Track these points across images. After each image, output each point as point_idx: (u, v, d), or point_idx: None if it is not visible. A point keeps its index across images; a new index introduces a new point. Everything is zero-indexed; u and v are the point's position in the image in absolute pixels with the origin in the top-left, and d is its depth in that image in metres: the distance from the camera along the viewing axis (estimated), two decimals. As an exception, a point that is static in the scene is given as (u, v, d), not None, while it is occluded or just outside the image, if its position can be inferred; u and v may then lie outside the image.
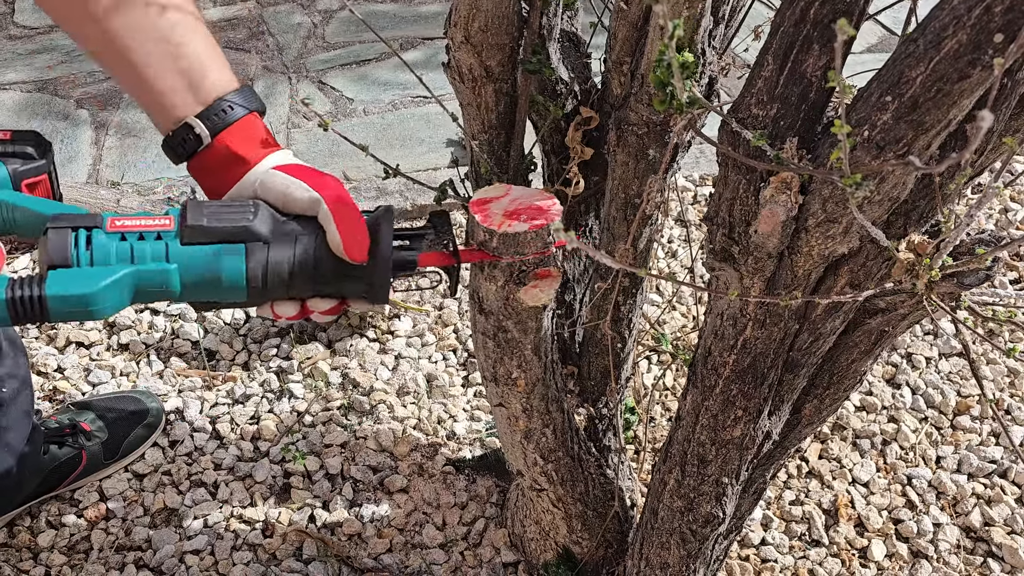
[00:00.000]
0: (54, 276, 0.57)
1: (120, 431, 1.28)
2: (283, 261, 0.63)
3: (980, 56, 0.54)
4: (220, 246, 0.62)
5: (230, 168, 0.67)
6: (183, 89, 0.66)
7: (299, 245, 0.64)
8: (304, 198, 0.64)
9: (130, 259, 0.60)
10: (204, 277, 0.62)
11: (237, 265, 0.62)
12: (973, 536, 1.26)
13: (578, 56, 0.93)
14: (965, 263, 0.64)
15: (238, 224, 0.62)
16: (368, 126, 2.00)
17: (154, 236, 0.61)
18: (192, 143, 0.67)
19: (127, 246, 0.60)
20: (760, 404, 0.80)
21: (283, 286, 0.64)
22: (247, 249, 0.62)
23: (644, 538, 0.97)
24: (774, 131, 0.65)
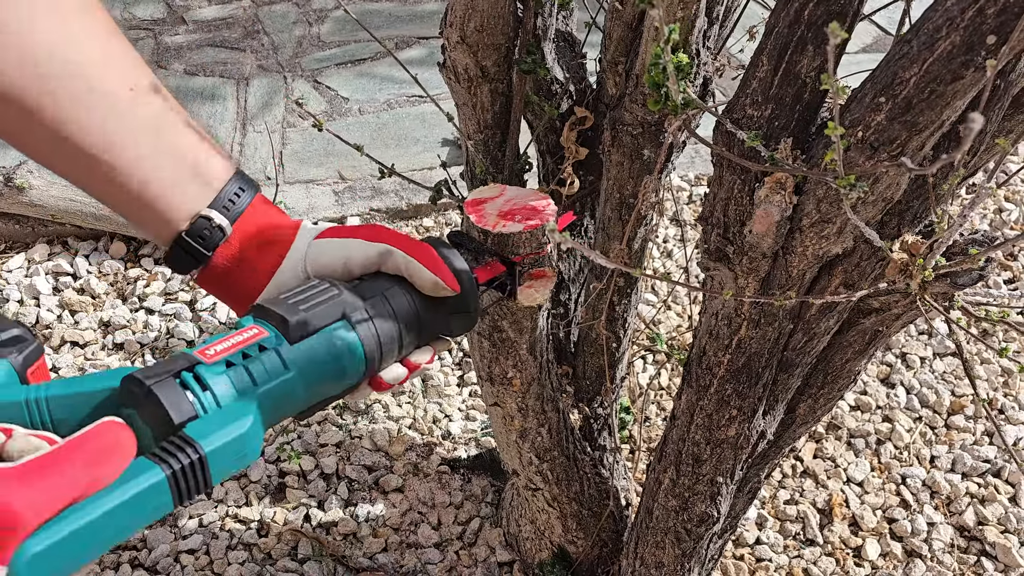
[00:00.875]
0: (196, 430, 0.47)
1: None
2: (387, 320, 0.57)
3: (973, 57, 0.54)
4: (329, 331, 0.55)
5: (262, 255, 0.58)
6: (188, 180, 0.56)
7: (392, 301, 0.58)
8: (370, 254, 0.58)
9: (252, 382, 0.51)
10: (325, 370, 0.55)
11: (353, 343, 0.55)
12: (967, 535, 1.26)
13: (573, 56, 0.93)
14: (959, 263, 0.64)
15: (333, 303, 0.55)
16: (364, 125, 2.00)
17: (257, 348, 0.52)
18: (212, 238, 0.57)
19: (240, 371, 0.51)
20: (755, 403, 0.80)
21: (395, 346, 0.58)
22: (351, 322, 0.56)
23: (639, 537, 0.97)
24: (769, 132, 0.65)
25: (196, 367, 0.49)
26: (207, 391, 0.49)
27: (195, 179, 0.56)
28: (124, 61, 0.54)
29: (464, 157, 0.95)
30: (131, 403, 0.48)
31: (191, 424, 0.47)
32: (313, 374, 0.54)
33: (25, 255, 1.60)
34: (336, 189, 1.81)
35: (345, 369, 0.55)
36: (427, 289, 0.58)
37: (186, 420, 0.47)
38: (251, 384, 0.51)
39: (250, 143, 1.92)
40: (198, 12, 2.41)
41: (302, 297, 0.55)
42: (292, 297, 0.55)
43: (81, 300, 1.53)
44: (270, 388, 0.51)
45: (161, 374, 0.48)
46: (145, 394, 0.47)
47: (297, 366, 0.53)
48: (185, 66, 2.18)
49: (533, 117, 0.93)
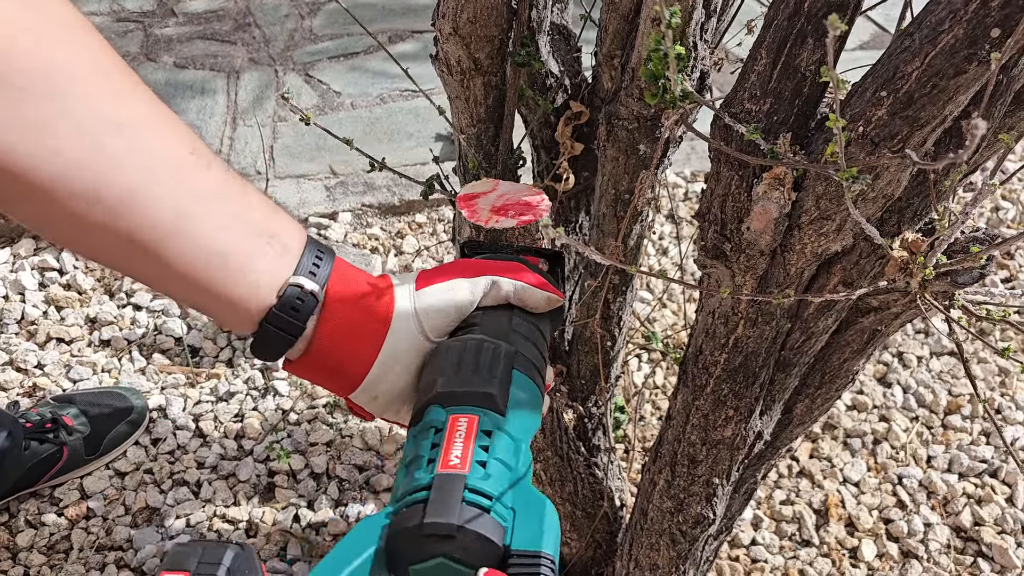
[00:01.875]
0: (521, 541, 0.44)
1: (102, 426, 1.26)
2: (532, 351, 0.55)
3: (976, 51, 0.53)
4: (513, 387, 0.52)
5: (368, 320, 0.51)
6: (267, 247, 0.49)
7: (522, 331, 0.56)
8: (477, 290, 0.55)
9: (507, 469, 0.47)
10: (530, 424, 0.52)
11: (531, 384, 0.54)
12: (963, 536, 1.26)
13: (568, 49, 0.91)
14: (959, 261, 0.63)
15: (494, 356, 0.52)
16: (356, 120, 1.98)
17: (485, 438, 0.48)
18: (307, 306, 0.49)
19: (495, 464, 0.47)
20: (751, 404, 0.79)
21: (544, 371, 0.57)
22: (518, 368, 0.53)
23: (633, 539, 0.96)
24: (767, 126, 0.64)
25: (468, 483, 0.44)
26: (494, 500, 0.44)
27: (274, 245, 0.49)
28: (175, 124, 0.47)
29: (457, 152, 0.93)
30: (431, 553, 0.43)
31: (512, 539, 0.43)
32: (527, 430, 0.51)
33: (10, 250, 1.58)
34: (328, 184, 1.79)
35: (538, 411, 0.54)
36: (541, 308, 0.57)
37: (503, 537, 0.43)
38: (509, 471, 0.47)
39: (240, 137, 1.90)
40: (188, 4, 2.39)
41: (472, 365, 0.51)
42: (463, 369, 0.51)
43: (67, 296, 1.50)
44: (520, 463, 0.48)
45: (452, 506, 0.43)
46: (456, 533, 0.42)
47: (517, 432, 0.50)
48: (175, 59, 2.16)
49: (527, 111, 0.92)
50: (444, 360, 0.52)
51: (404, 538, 0.42)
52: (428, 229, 1.74)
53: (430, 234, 1.73)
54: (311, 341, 0.50)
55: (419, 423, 0.49)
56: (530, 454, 0.50)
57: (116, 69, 0.45)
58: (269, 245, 0.49)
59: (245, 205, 0.49)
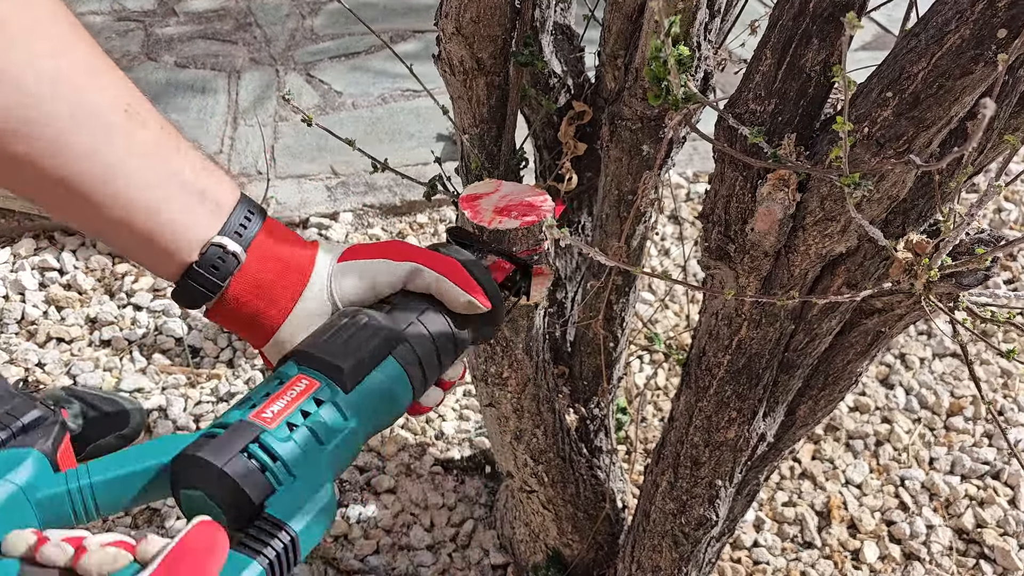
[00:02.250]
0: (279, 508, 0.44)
1: (93, 432, 1.26)
2: (428, 347, 0.55)
3: (983, 52, 0.53)
4: (376, 372, 0.52)
5: (282, 282, 0.54)
6: (195, 205, 0.51)
7: (429, 323, 0.55)
8: (398, 274, 0.55)
9: (318, 441, 0.48)
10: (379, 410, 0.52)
11: (400, 376, 0.53)
12: (966, 538, 1.25)
13: (571, 49, 0.91)
14: (964, 263, 0.63)
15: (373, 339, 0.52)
16: (357, 120, 1.98)
17: (312, 404, 0.49)
18: (227, 267, 0.52)
19: (304, 432, 0.48)
20: (755, 405, 0.78)
21: (436, 371, 0.56)
22: (396, 356, 0.53)
23: (636, 541, 0.95)
24: (772, 127, 0.64)
25: (261, 436, 0.45)
26: (277, 461, 0.45)
27: (204, 205, 0.51)
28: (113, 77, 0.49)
29: (459, 152, 0.93)
30: (196, 484, 0.44)
31: (271, 501, 0.44)
32: (370, 417, 0.51)
33: (11, 249, 1.57)
34: (329, 184, 1.79)
35: (397, 406, 0.53)
36: (460, 308, 0.56)
37: (263, 498, 0.44)
38: (317, 445, 0.47)
39: (241, 137, 1.89)
40: (189, 4, 2.38)
41: (345, 336, 0.52)
42: (334, 337, 0.52)
43: (68, 296, 1.50)
44: (336, 444, 0.48)
45: (228, 450, 0.44)
46: (217, 475, 0.44)
47: (356, 414, 0.50)
48: (176, 58, 2.16)
49: (530, 111, 0.91)
50: (328, 324, 0.53)
51: (182, 463, 0.44)
52: (430, 229, 1.74)
53: (431, 234, 1.73)
54: (228, 298, 0.53)
55: (274, 371, 0.52)
56: (358, 442, 0.50)
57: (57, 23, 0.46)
58: (198, 204, 0.51)
59: (177, 164, 0.51)
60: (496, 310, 0.57)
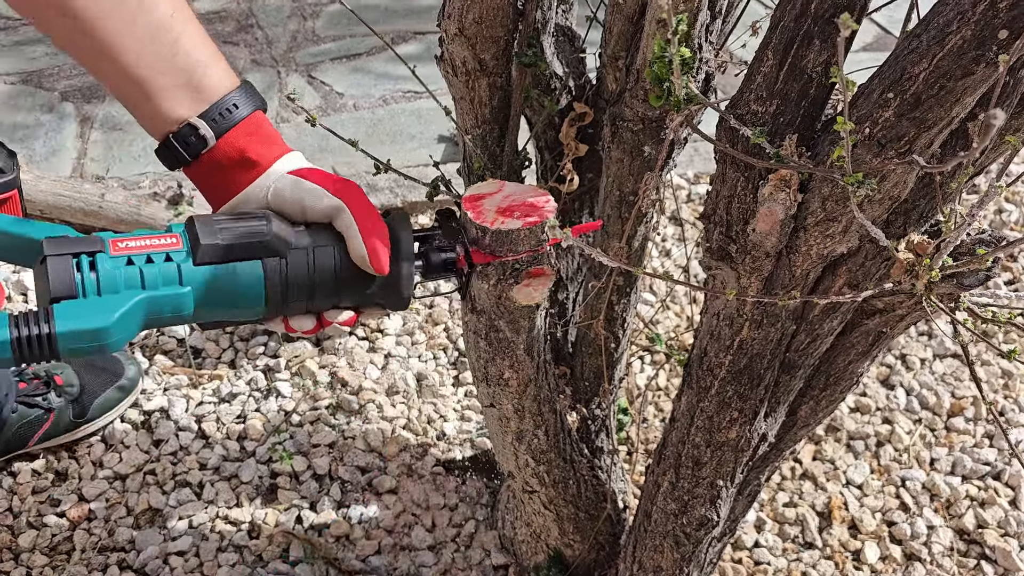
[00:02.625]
0: (61, 310, 0.51)
1: (92, 388, 1.27)
2: (303, 275, 0.59)
3: (984, 52, 0.53)
4: (236, 264, 0.57)
5: (238, 172, 0.62)
6: (182, 87, 0.61)
7: (318, 257, 0.60)
8: (325, 206, 0.60)
9: (140, 285, 0.55)
10: (221, 298, 0.57)
11: (256, 283, 0.58)
12: (967, 538, 1.25)
13: (573, 51, 0.91)
14: (966, 264, 0.63)
15: (253, 239, 0.57)
16: (358, 121, 1.98)
17: (163, 257, 0.56)
18: (196, 145, 0.62)
19: (135, 271, 0.55)
20: (756, 406, 0.79)
21: (303, 301, 0.60)
22: (264, 265, 0.58)
23: (637, 541, 0.95)
24: (773, 128, 0.64)
25: (98, 254, 0.54)
26: (94, 276, 0.53)
27: (188, 88, 0.61)
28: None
29: (461, 152, 0.93)
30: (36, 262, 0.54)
31: (64, 303, 0.52)
32: (208, 297, 0.57)
33: (14, 251, 1.58)
34: (330, 186, 1.79)
35: (241, 303, 0.58)
36: (356, 260, 0.60)
37: (60, 297, 0.52)
38: (139, 286, 0.55)
39: (243, 139, 1.89)
40: (191, 5, 2.39)
41: (232, 225, 0.58)
42: (224, 222, 0.58)
43: (70, 297, 1.50)
44: (156, 295, 0.55)
45: (64, 249, 0.53)
46: (41, 260, 0.53)
47: (193, 285, 0.56)
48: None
49: (532, 113, 0.92)
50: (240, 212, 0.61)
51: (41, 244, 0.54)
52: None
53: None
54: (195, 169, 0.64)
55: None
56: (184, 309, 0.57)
57: None
58: (185, 88, 0.61)
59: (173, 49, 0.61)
60: (395, 278, 0.62)
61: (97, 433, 1.30)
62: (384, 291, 0.62)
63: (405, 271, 0.62)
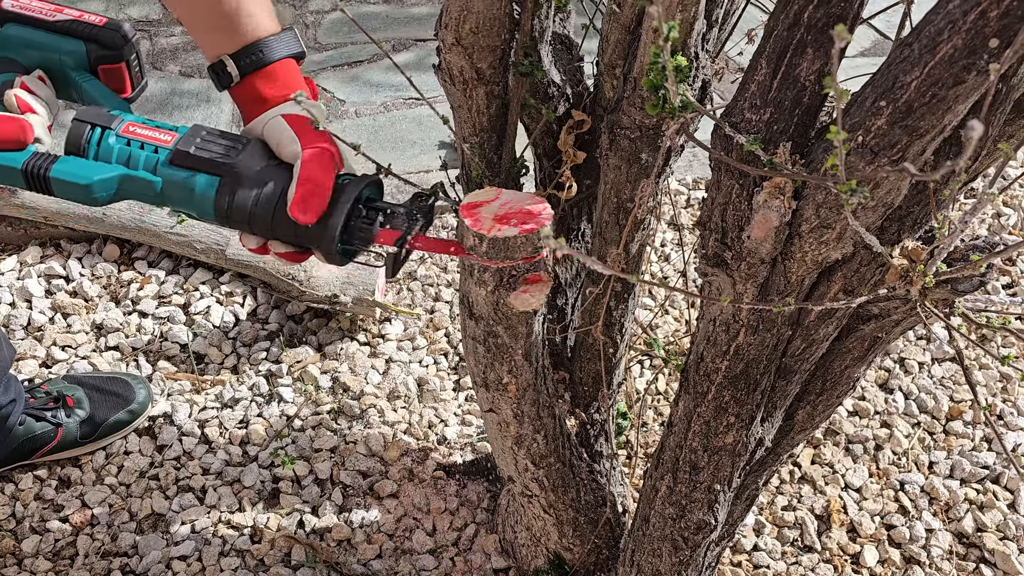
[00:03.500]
0: (63, 161, 0.68)
1: (101, 412, 1.28)
2: (247, 200, 0.69)
3: (975, 61, 0.54)
4: (199, 175, 0.70)
5: (252, 105, 0.76)
6: (221, 29, 0.74)
7: (266, 190, 0.69)
8: (289, 150, 0.71)
9: (126, 163, 0.69)
10: (180, 196, 0.70)
11: (208, 194, 0.70)
12: (965, 542, 1.26)
13: (570, 59, 0.92)
14: (960, 269, 0.64)
15: (218, 158, 0.69)
16: (360, 128, 1.99)
17: (152, 149, 0.70)
18: (225, 79, 0.76)
19: (127, 151, 0.70)
20: (753, 410, 0.79)
21: (244, 223, 0.70)
22: (221, 182, 0.69)
23: (636, 545, 0.96)
24: (768, 135, 0.65)
25: (107, 130, 0.70)
26: (99, 146, 0.69)
27: (228, 30, 0.74)
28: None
29: (460, 160, 0.94)
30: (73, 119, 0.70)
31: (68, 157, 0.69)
32: (169, 191, 0.70)
33: (17, 257, 1.59)
34: (332, 192, 1.80)
35: (194, 205, 0.70)
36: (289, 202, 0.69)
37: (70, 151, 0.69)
38: (124, 162, 0.70)
39: (245, 145, 1.91)
40: (194, 13, 2.40)
41: (213, 141, 0.70)
42: (209, 137, 0.71)
43: (74, 303, 1.51)
44: (132, 174, 0.70)
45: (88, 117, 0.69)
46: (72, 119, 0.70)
47: (162, 177, 0.70)
48: (180, 67, 2.17)
49: (529, 120, 0.92)
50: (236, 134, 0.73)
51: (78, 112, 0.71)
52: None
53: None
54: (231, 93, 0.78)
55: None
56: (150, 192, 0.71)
57: None
58: (223, 28, 0.74)
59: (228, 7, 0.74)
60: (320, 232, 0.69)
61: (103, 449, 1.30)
62: (312, 239, 0.70)
63: (330, 226, 0.69)
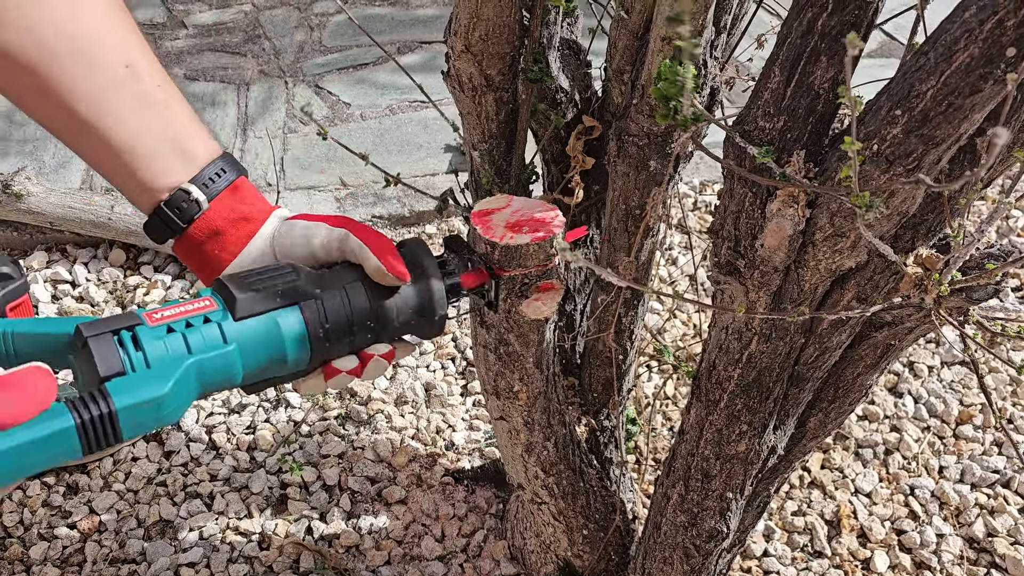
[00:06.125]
0: (116, 386, 0.49)
1: None
2: (339, 309, 0.58)
3: (992, 70, 0.53)
4: (274, 312, 0.56)
5: (234, 230, 0.62)
6: (173, 154, 0.61)
7: (347, 289, 0.59)
8: (331, 239, 0.61)
9: (186, 350, 0.53)
10: (265, 349, 0.56)
11: (297, 326, 0.57)
12: (976, 547, 1.25)
13: (578, 64, 0.91)
14: (975, 278, 0.63)
15: (287, 286, 0.57)
16: (365, 131, 1.99)
17: (202, 320, 0.55)
18: (189, 210, 0.61)
19: (178, 337, 0.53)
20: (765, 419, 0.79)
21: (345, 335, 0.59)
22: (303, 309, 0.57)
23: (647, 553, 0.95)
24: (781, 144, 0.64)
25: (137, 327, 0.53)
26: (140, 351, 0.51)
27: (178, 155, 0.62)
28: (123, 39, 0.60)
29: (469, 167, 0.93)
30: (72, 351, 0.52)
31: (116, 380, 0.50)
32: (254, 353, 0.55)
33: (23, 262, 1.59)
34: (338, 196, 1.80)
35: (288, 353, 0.57)
36: (374, 275, 0.60)
37: (111, 375, 0.50)
38: (185, 351, 0.53)
39: (251, 149, 1.91)
40: (198, 16, 2.40)
41: (260, 277, 0.57)
42: (251, 276, 0.57)
43: (80, 308, 1.51)
44: (204, 359, 0.53)
45: (102, 329, 0.52)
46: (82, 345, 0.51)
47: (237, 342, 0.54)
48: (185, 71, 2.17)
49: (538, 126, 0.92)
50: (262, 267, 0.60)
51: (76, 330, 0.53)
52: (438, 240, 1.75)
53: (440, 245, 1.74)
54: (188, 238, 0.63)
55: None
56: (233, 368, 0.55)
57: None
58: (176, 154, 0.61)
59: (165, 118, 0.61)
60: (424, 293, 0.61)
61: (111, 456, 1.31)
62: (419, 315, 0.62)
63: (436, 288, 0.61)
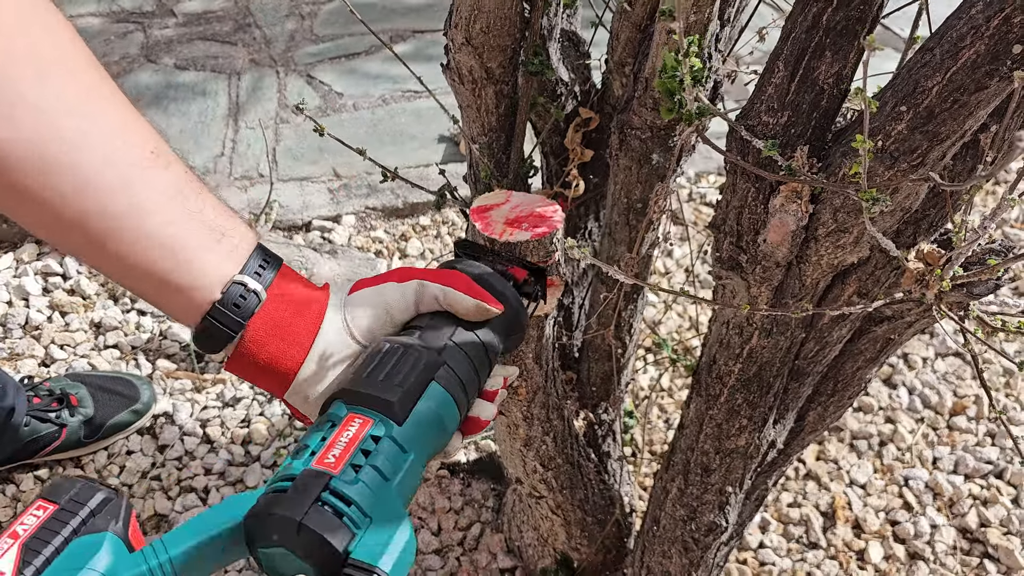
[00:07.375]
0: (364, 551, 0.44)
1: (105, 411, 1.27)
2: (464, 364, 0.55)
3: (998, 67, 0.53)
4: (423, 399, 0.52)
5: (300, 320, 0.54)
6: (216, 246, 0.52)
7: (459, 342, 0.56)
8: (407, 293, 0.56)
9: (383, 479, 0.48)
10: (432, 436, 0.52)
11: (447, 400, 0.53)
12: (969, 537, 1.26)
13: (577, 56, 0.91)
14: (976, 274, 0.63)
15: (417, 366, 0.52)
16: (358, 121, 1.97)
17: (371, 441, 0.49)
18: (249, 304, 0.52)
19: (370, 471, 0.47)
20: (765, 413, 0.79)
21: (476, 386, 0.56)
22: (440, 381, 0.53)
23: (645, 546, 0.96)
24: (785, 139, 0.64)
25: (331, 482, 0.45)
26: (352, 506, 0.45)
27: (223, 244, 0.52)
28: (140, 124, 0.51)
29: (468, 160, 0.93)
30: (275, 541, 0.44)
31: (354, 546, 0.44)
32: (425, 445, 0.51)
33: (13, 255, 1.57)
34: (331, 187, 1.79)
35: (447, 428, 0.53)
36: (472, 315, 0.56)
37: (347, 544, 0.44)
38: (384, 481, 0.47)
39: (243, 139, 1.89)
40: (187, 5, 2.37)
41: (386, 369, 0.52)
42: (375, 371, 0.52)
43: (72, 301, 1.50)
44: (401, 477, 0.48)
45: (302, 503, 0.44)
46: (297, 530, 0.43)
47: (412, 445, 0.50)
48: (175, 60, 2.15)
49: (537, 119, 0.91)
50: (365, 359, 0.53)
51: (256, 521, 0.45)
52: (432, 232, 1.74)
53: (434, 236, 1.73)
54: (250, 339, 0.52)
55: (322, 415, 0.51)
56: (419, 470, 0.50)
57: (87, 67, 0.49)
58: (219, 243, 0.52)
59: (199, 204, 0.52)
60: (516, 313, 0.58)
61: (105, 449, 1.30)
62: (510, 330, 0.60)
63: (514, 300, 0.59)
